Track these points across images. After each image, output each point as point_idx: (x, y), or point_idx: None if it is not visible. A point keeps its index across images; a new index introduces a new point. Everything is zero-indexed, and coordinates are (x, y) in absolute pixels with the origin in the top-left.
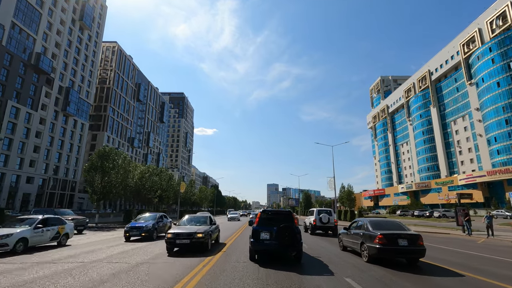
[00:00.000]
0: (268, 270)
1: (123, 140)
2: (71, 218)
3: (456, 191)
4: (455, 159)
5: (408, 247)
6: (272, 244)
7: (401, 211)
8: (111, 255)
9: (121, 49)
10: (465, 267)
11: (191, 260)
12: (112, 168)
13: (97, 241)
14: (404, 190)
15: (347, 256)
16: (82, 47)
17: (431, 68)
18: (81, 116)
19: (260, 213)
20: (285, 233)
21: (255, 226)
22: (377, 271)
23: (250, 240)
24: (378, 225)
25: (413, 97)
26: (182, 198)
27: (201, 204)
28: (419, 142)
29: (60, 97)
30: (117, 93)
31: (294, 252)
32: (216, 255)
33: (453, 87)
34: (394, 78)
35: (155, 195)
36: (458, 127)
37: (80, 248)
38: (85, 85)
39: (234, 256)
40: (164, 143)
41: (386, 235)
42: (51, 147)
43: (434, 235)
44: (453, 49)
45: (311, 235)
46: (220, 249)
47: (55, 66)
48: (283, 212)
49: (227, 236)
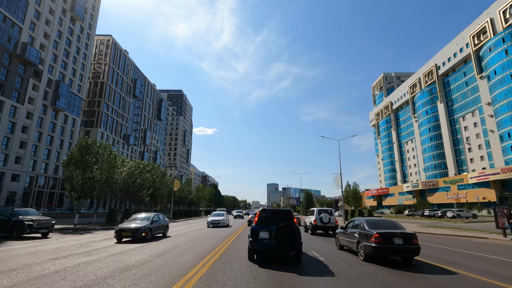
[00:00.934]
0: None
1: (118, 137)
2: (32, 219)
3: (466, 190)
4: (464, 157)
5: (403, 246)
6: (271, 244)
7: (409, 211)
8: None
9: (116, 42)
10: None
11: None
12: (95, 163)
13: (46, 250)
14: (409, 189)
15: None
16: (73, 39)
17: (438, 62)
18: (72, 111)
19: (259, 212)
20: (285, 233)
21: (254, 225)
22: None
23: (249, 239)
24: (374, 224)
25: (418, 92)
26: (178, 197)
27: (199, 204)
28: (425, 139)
29: (49, 91)
30: (112, 88)
31: (293, 252)
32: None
33: (461, 81)
34: (397, 75)
35: (147, 194)
36: (467, 123)
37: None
38: (77, 78)
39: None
40: (162, 141)
41: (382, 234)
42: (39, 143)
43: (467, 239)
44: (462, 41)
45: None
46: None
47: (43, 58)
48: (282, 211)
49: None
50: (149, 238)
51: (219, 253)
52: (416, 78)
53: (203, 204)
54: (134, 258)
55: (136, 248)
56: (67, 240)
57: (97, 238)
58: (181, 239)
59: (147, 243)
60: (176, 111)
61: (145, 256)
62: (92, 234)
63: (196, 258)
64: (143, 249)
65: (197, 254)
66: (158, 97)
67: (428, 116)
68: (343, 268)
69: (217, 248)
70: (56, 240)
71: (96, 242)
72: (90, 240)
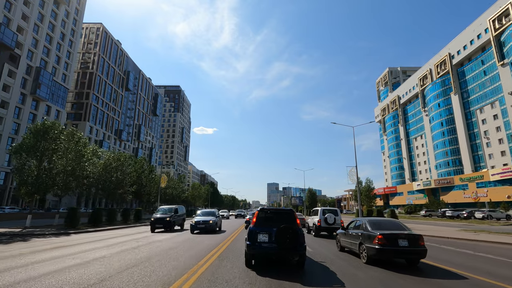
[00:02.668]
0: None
1: (109, 132)
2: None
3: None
4: (481, 153)
5: (408, 248)
6: (271, 248)
7: (426, 211)
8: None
9: (106, 31)
10: None
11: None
12: (54, 151)
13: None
14: (420, 187)
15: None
16: (57, 24)
17: (451, 51)
18: (56, 102)
19: (257, 211)
20: (286, 235)
21: (252, 227)
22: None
23: (246, 242)
24: (377, 224)
25: (429, 84)
26: (169, 195)
27: (194, 203)
28: (437, 134)
29: (28, 78)
30: (102, 80)
31: (296, 257)
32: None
33: (479, 70)
34: (403, 69)
35: (129, 191)
36: (486, 115)
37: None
38: (62, 67)
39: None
40: (158, 138)
41: (386, 235)
42: (16, 136)
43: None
44: (480, 26)
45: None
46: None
47: (21, 41)
48: (284, 211)
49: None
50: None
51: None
52: (426, 69)
53: (199, 204)
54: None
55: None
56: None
57: (19, 250)
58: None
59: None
60: (174, 107)
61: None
62: (26, 243)
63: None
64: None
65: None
66: (153, 92)
67: (440, 109)
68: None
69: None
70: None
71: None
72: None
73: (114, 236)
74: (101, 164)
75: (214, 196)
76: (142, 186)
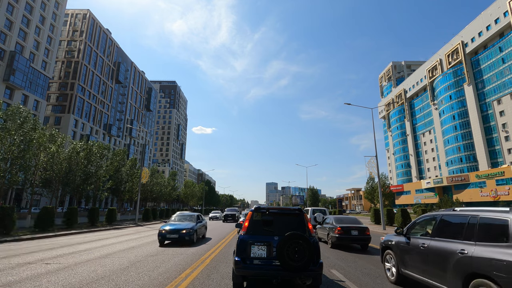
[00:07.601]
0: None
1: (97, 126)
2: None
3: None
4: (498, 147)
5: (358, 236)
6: (270, 267)
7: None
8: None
9: (94, 18)
10: None
11: None
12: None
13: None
14: (430, 185)
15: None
16: (36, 5)
17: (465, 39)
18: (35, 91)
19: (251, 212)
20: (294, 248)
21: (242, 235)
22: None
23: (234, 258)
24: (339, 220)
25: (440, 75)
26: (157, 193)
27: (187, 202)
28: (448, 128)
29: (1, 63)
30: (89, 70)
31: (308, 281)
32: None
33: (496, 58)
34: (407, 64)
35: (103, 188)
36: (504, 106)
37: None
38: (41, 53)
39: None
40: (152, 134)
41: (343, 227)
42: None
43: None
44: (498, 10)
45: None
46: None
47: None
48: (289, 211)
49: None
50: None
51: None
52: (436, 59)
53: (194, 203)
54: None
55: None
56: None
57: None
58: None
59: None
60: (169, 103)
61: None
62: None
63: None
64: None
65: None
66: (147, 86)
67: (452, 101)
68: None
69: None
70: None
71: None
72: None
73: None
74: (66, 153)
75: (210, 195)
76: (122, 182)
